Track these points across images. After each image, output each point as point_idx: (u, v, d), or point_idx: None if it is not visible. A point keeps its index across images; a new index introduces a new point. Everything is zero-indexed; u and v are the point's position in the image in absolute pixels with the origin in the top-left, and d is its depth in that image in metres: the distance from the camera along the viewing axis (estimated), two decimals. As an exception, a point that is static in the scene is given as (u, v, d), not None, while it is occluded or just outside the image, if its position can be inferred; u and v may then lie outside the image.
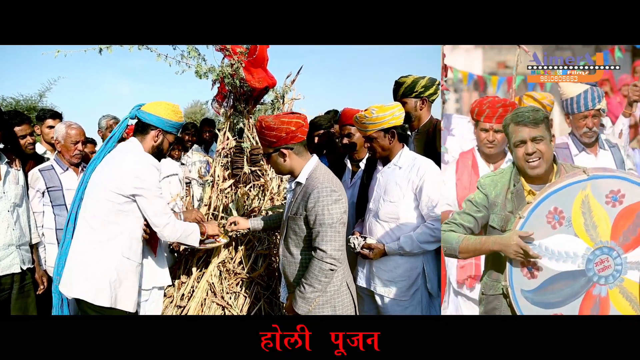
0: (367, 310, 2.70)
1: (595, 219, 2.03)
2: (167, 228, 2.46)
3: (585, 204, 2.03)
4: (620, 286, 2.05)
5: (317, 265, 2.13)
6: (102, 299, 2.35)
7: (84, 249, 2.39)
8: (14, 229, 2.92)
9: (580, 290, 2.05)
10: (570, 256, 2.05)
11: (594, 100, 2.87)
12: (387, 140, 2.57)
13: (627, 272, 2.05)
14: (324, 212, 2.13)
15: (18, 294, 2.96)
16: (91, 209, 2.41)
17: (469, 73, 5.59)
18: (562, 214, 2.03)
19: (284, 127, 2.22)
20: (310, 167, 2.29)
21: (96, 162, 2.52)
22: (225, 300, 3.00)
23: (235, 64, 3.15)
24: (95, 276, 2.35)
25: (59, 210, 3.15)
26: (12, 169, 2.98)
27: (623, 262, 2.04)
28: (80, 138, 3.21)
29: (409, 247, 2.48)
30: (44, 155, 3.70)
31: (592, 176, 2.03)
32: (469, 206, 2.21)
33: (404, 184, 2.53)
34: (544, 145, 2.11)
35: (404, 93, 2.93)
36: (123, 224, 2.40)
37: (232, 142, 3.39)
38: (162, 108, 2.52)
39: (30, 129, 3.42)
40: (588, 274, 2.05)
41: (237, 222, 2.81)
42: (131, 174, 2.36)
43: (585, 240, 2.04)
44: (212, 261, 3.12)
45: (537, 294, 2.06)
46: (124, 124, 2.61)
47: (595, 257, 2.04)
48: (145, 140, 2.52)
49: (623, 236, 2.03)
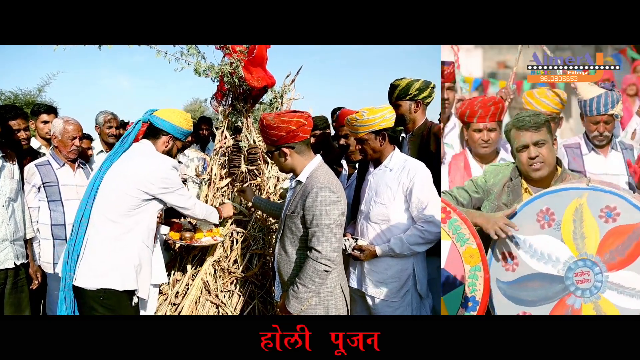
0: (358, 312, 2.69)
1: (585, 230, 2.01)
2: (196, 207, 2.73)
3: (578, 212, 2.01)
4: (595, 303, 2.03)
5: (312, 265, 2.12)
6: (129, 283, 2.44)
7: (106, 241, 2.43)
8: (8, 224, 2.90)
9: (554, 296, 2.05)
10: (552, 260, 2.04)
11: (607, 106, 2.87)
12: (378, 142, 2.58)
13: (605, 291, 2.02)
14: (321, 212, 2.11)
15: (12, 289, 2.94)
16: (111, 205, 2.45)
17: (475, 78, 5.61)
18: (553, 215, 2.03)
19: (284, 126, 2.21)
20: (312, 166, 2.28)
21: (113, 159, 2.55)
22: (219, 298, 2.99)
23: (234, 62, 3.14)
24: (122, 265, 2.43)
25: (54, 206, 3.14)
26: (8, 163, 2.97)
27: (604, 280, 2.02)
28: (77, 134, 3.20)
29: (398, 248, 2.48)
30: (38, 150, 3.68)
31: (591, 187, 2.02)
32: (469, 184, 2.26)
33: (394, 186, 2.53)
34: (545, 149, 2.12)
35: (398, 96, 2.93)
36: (142, 215, 2.51)
37: (229, 141, 3.39)
38: (176, 116, 2.63)
39: (25, 124, 3.40)
40: (566, 282, 2.04)
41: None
42: (158, 176, 2.49)
43: (571, 248, 2.03)
44: (206, 259, 3.11)
45: (511, 287, 2.07)
46: (138, 125, 2.67)
47: (577, 267, 2.03)
48: (157, 144, 2.61)
49: (609, 254, 2.01)
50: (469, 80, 5.44)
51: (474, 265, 2.11)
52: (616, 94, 2.91)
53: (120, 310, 2.43)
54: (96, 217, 2.45)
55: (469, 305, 2.13)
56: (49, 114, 3.75)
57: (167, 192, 2.54)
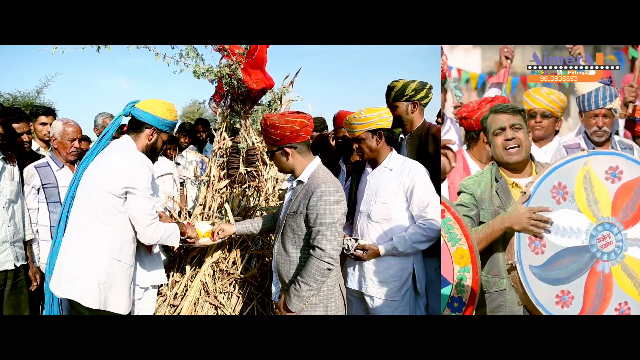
0: (355, 313, 2.69)
1: (597, 195, 2.09)
2: (149, 228, 2.38)
3: (587, 180, 2.09)
4: (622, 263, 2.09)
5: (315, 263, 2.13)
6: (90, 300, 2.30)
7: (73, 248, 2.36)
8: (8, 226, 2.90)
9: (584, 267, 2.08)
10: (575, 231, 2.08)
11: (605, 99, 2.88)
12: (374, 141, 2.61)
13: (627, 249, 2.10)
14: (325, 211, 2.14)
15: (11, 290, 2.94)
16: (83, 208, 2.38)
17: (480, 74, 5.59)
18: (565, 189, 2.08)
19: (288, 126, 2.24)
20: (313, 166, 2.30)
21: (88, 159, 2.48)
22: (218, 299, 2.99)
23: (233, 64, 3.14)
24: (83, 276, 2.31)
25: (54, 207, 3.14)
26: (8, 165, 2.97)
27: (624, 238, 2.10)
28: (77, 135, 3.20)
29: (402, 247, 2.49)
30: (37, 151, 3.68)
31: (592, 152, 2.12)
32: (460, 210, 2.22)
33: (395, 186, 2.55)
34: (522, 133, 2.17)
35: (395, 97, 2.94)
36: (115, 225, 2.35)
37: (228, 142, 3.39)
38: (158, 106, 2.48)
39: (28, 127, 3.41)
40: (591, 250, 2.09)
41: (223, 230, 2.77)
42: (123, 172, 2.32)
43: (588, 215, 2.09)
44: (205, 261, 3.11)
45: (545, 270, 2.08)
46: (117, 121, 2.57)
47: (597, 232, 2.09)
48: (140, 138, 2.48)
49: (622, 212, 2.10)
50: (474, 76, 5.44)
51: (463, 266, 2.11)
52: (614, 89, 2.92)
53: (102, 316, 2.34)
54: (70, 220, 2.41)
55: (455, 306, 2.13)
56: (47, 115, 3.74)
57: (130, 193, 2.31)
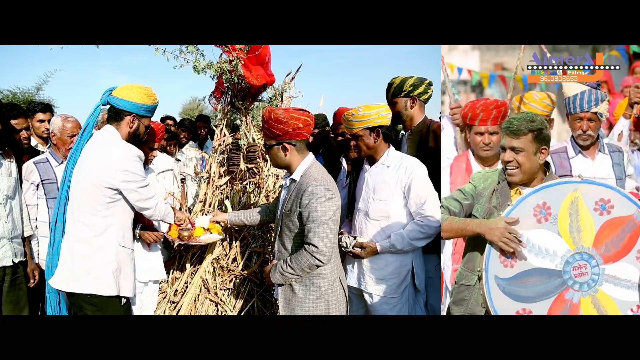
0: (355, 310, 2.70)
1: (581, 223, 2.03)
2: (158, 207, 2.55)
3: (574, 206, 2.03)
4: (593, 296, 2.04)
5: (307, 257, 2.17)
6: (108, 289, 2.37)
7: (80, 245, 2.38)
8: (6, 222, 2.89)
9: (553, 291, 2.04)
10: (550, 254, 2.04)
11: (590, 103, 2.84)
12: (372, 138, 2.60)
13: (602, 284, 2.03)
14: (317, 209, 2.15)
15: (10, 287, 2.94)
16: (79, 205, 2.39)
17: (491, 73, 5.62)
18: (549, 210, 2.03)
19: (292, 122, 2.24)
20: (305, 165, 2.31)
21: (75, 155, 2.47)
22: (218, 296, 2.99)
23: (233, 60, 3.13)
24: (97, 269, 2.37)
25: (53, 204, 3.10)
26: (5, 160, 2.96)
27: (601, 272, 2.03)
28: (76, 131, 3.18)
29: (400, 244, 2.50)
30: (35, 147, 3.66)
31: (585, 180, 2.05)
32: (457, 193, 2.27)
33: (392, 183, 2.56)
34: (522, 157, 2.13)
35: (393, 93, 2.94)
36: (114, 215, 2.41)
37: (228, 139, 3.39)
38: (135, 92, 2.45)
39: (27, 123, 3.39)
40: (564, 276, 2.04)
41: (216, 214, 2.93)
42: (119, 168, 2.35)
43: (568, 241, 2.04)
44: (206, 257, 3.11)
45: (510, 284, 2.04)
46: (97, 112, 2.54)
47: (574, 260, 2.03)
48: (121, 127, 2.47)
49: (605, 246, 2.03)
50: (485, 75, 5.48)
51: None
52: (601, 92, 2.89)
53: (108, 309, 2.39)
54: (69, 219, 2.42)
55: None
56: (45, 112, 3.71)
57: (127, 187, 2.39)
